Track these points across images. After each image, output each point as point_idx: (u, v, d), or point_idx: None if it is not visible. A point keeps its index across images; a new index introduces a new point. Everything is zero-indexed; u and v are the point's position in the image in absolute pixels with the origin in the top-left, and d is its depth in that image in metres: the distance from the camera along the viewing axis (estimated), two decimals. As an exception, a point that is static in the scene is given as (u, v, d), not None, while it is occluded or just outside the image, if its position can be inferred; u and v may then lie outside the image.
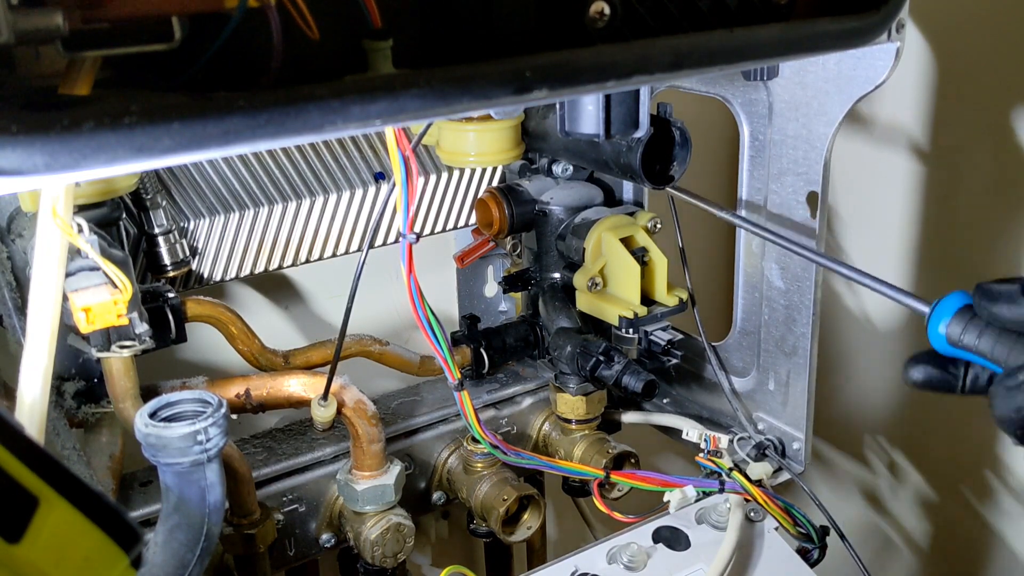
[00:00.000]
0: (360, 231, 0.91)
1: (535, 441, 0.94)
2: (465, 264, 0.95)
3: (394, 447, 0.86)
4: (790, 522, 0.78)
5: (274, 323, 0.98)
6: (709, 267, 1.21)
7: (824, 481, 1.39)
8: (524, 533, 0.86)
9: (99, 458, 0.72)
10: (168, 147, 0.38)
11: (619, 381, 0.82)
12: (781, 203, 0.81)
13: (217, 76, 0.41)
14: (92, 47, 0.38)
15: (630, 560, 0.72)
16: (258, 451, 0.82)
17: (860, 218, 1.24)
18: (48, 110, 0.36)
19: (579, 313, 0.89)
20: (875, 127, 1.16)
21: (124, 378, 0.68)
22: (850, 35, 0.57)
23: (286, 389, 0.75)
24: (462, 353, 0.91)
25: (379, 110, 0.42)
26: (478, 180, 0.96)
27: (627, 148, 0.75)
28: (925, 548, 1.34)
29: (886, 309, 1.25)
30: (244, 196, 0.84)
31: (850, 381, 1.32)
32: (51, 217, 0.52)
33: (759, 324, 0.87)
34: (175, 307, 0.72)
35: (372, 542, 0.79)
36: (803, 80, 0.77)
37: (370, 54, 0.44)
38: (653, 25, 0.50)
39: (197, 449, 0.58)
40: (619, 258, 0.84)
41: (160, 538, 0.58)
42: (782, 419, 0.87)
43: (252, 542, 0.75)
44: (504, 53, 0.46)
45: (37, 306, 0.53)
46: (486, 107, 0.46)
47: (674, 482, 0.79)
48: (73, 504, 0.36)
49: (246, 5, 0.40)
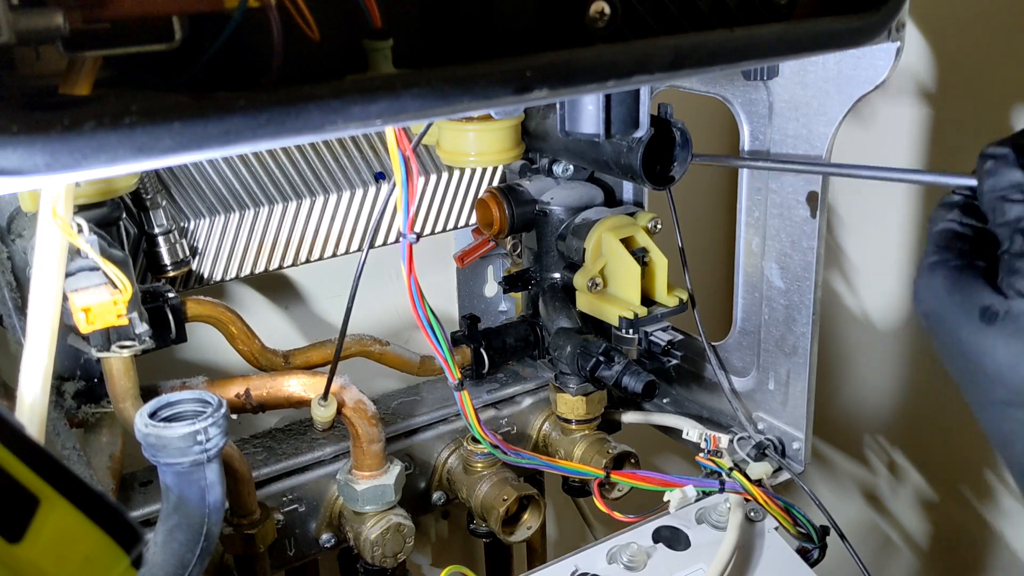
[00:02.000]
0: (360, 231, 0.91)
1: (535, 441, 0.94)
2: (465, 264, 0.95)
3: (394, 447, 0.86)
4: (790, 522, 0.78)
5: (274, 323, 0.98)
6: (709, 267, 1.21)
7: (824, 481, 1.39)
8: (524, 533, 0.86)
9: (99, 458, 0.72)
10: (169, 147, 0.38)
11: (619, 381, 0.82)
12: (781, 203, 0.81)
13: (217, 76, 0.41)
14: (92, 47, 0.38)
15: (630, 560, 0.72)
16: (258, 451, 0.82)
17: (860, 218, 1.24)
18: (49, 110, 0.36)
19: (579, 313, 0.89)
20: (875, 127, 1.16)
21: (124, 378, 0.68)
22: (850, 35, 0.57)
23: (286, 389, 0.75)
24: (462, 353, 0.91)
25: (380, 110, 0.42)
26: (478, 180, 0.96)
27: (627, 148, 0.75)
28: (925, 548, 1.34)
29: (886, 309, 1.25)
30: (244, 196, 0.84)
31: (850, 381, 1.32)
32: (51, 217, 0.52)
33: (759, 324, 0.87)
34: (175, 307, 0.72)
35: (372, 542, 0.79)
36: (803, 80, 0.77)
37: (370, 54, 0.44)
38: (653, 25, 0.50)
39: (197, 449, 0.58)
40: (619, 258, 0.84)
41: (160, 538, 0.58)
42: (782, 419, 0.87)
43: (252, 542, 0.75)
44: (504, 53, 0.46)
45: (37, 306, 0.53)
46: (486, 107, 0.46)
47: (674, 482, 0.79)
48: (74, 504, 0.36)
49: (246, 5, 0.40)
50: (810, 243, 0.79)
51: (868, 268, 1.26)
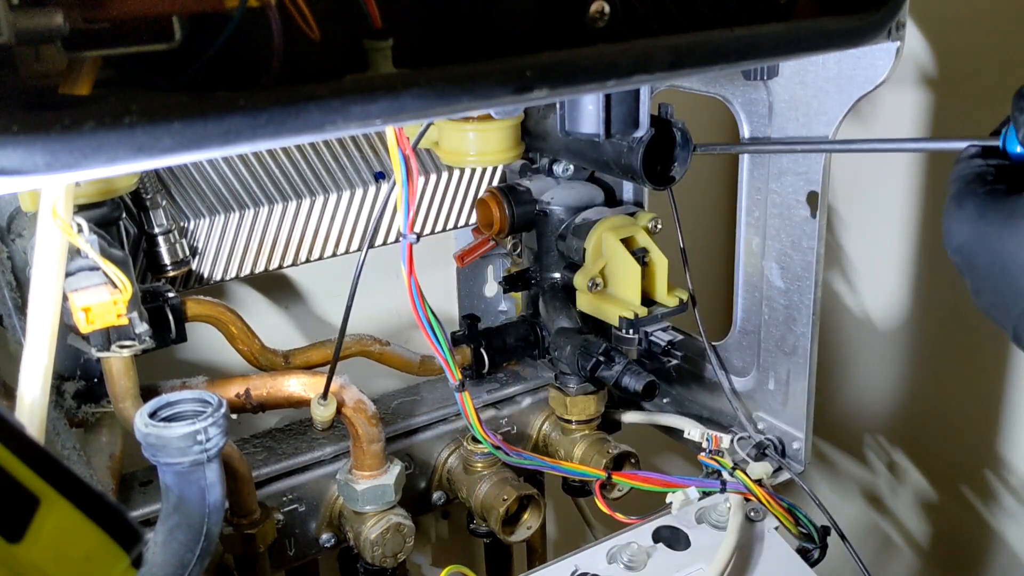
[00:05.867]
0: (360, 231, 0.91)
1: (535, 441, 0.94)
2: (465, 264, 0.95)
3: (394, 447, 0.86)
4: (792, 522, 0.78)
5: (274, 323, 0.98)
6: (709, 267, 1.21)
7: (824, 481, 1.39)
8: (524, 533, 0.86)
9: (99, 458, 0.72)
10: (168, 147, 0.38)
11: (619, 382, 0.82)
12: (781, 203, 0.81)
13: (217, 76, 0.41)
14: (93, 47, 0.38)
15: (630, 560, 0.72)
16: (258, 451, 0.82)
17: (860, 218, 1.24)
18: (49, 110, 0.36)
19: (579, 313, 0.89)
20: (875, 126, 1.16)
21: (124, 378, 0.68)
22: (850, 34, 0.57)
23: (286, 389, 0.75)
24: (462, 353, 0.91)
25: (380, 110, 0.42)
26: (478, 180, 0.96)
27: (628, 149, 0.75)
28: (925, 548, 1.34)
29: (886, 309, 1.25)
30: (244, 196, 0.84)
31: (850, 381, 1.32)
32: (51, 217, 0.52)
33: (759, 324, 0.87)
34: (175, 307, 0.72)
35: (372, 542, 0.79)
36: (803, 80, 0.77)
37: (370, 54, 0.44)
38: (653, 24, 0.50)
39: (197, 449, 0.58)
40: (619, 258, 0.84)
41: (160, 538, 0.58)
42: (782, 419, 0.87)
43: (252, 542, 0.75)
44: (504, 52, 0.46)
45: (37, 306, 0.53)
46: (486, 107, 0.46)
47: (675, 482, 0.79)
48: (74, 504, 0.36)
49: (246, 5, 0.40)
50: (810, 243, 0.79)
51: (868, 268, 1.26)
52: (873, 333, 1.27)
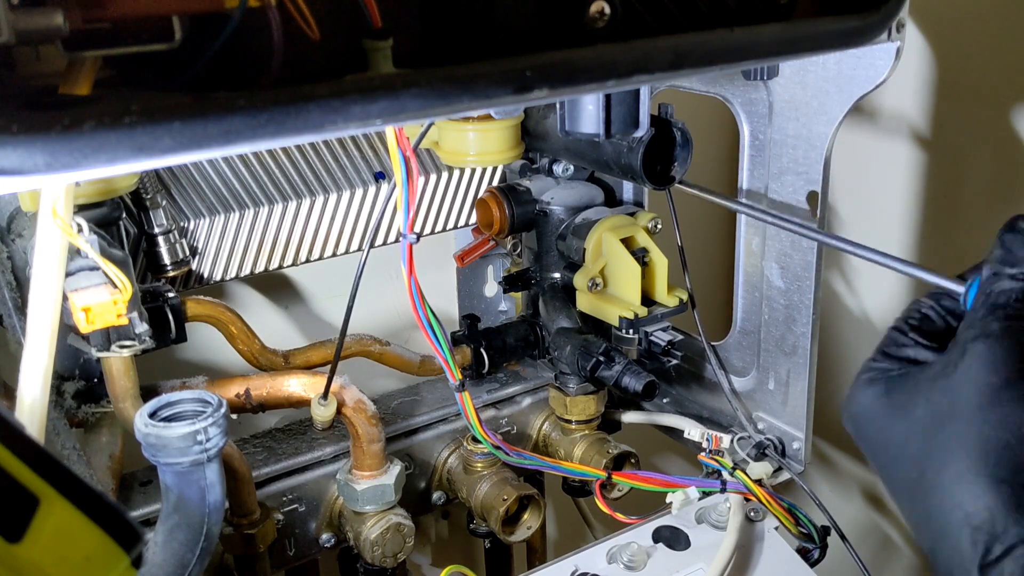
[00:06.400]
0: (360, 231, 0.91)
1: (535, 441, 0.94)
2: (465, 263, 0.95)
3: (394, 447, 0.86)
4: (792, 522, 0.78)
5: (274, 323, 0.98)
6: (709, 267, 1.21)
7: (824, 481, 1.39)
8: (524, 533, 0.86)
9: (99, 458, 0.72)
10: (168, 147, 0.38)
11: (619, 382, 0.82)
12: (781, 202, 0.81)
13: (217, 76, 0.41)
14: (92, 47, 0.38)
15: (630, 560, 0.72)
16: (258, 451, 0.82)
17: (860, 218, 1.24)
18: (48, 110, 0.36)
19: (579, 313, 0.89)
20: (875, 126, 1.16)
21: (124, 378, 0.68)
22: (850, 34, 0.57)
23: (286, 389, 0.75)
24: (462, 353, 0.91)
25: (380, 110, 0.42)
26: (478, 180, 0.96)
27: (628, 148, 0.75)
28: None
29: (886, 309, 1.25)
30: (244, 196, 0.84)
31: (850, 381, 1.32)
32: (51, 217, 0.52)
33: (759, 324, 0.87)
34: (175, 307, 0.72)
35: (372, 542, 0.79)
36: (803, 79, 0.77)
37: (370, 54, 0.44)
38: (653, 24, 0.50)
39: (197, 449, 0.58)
40: (619, 258, 0.84)
41: (160, 538, 0.58)
42: (782, 419, 0.87)
43: (252, 542, 0.75)
44: (504, 52, 0.46)
45: (37, 306, 0.53)
46: (486, 107, 0.46)
47: (675, 482, 0.79)
48: (74, 504, 0.36)
49: (246, 5, 0.40)
50: (810, 243, 0.79)
51: (868, 268, 1.26)
52: (873, 333, 1.27)
